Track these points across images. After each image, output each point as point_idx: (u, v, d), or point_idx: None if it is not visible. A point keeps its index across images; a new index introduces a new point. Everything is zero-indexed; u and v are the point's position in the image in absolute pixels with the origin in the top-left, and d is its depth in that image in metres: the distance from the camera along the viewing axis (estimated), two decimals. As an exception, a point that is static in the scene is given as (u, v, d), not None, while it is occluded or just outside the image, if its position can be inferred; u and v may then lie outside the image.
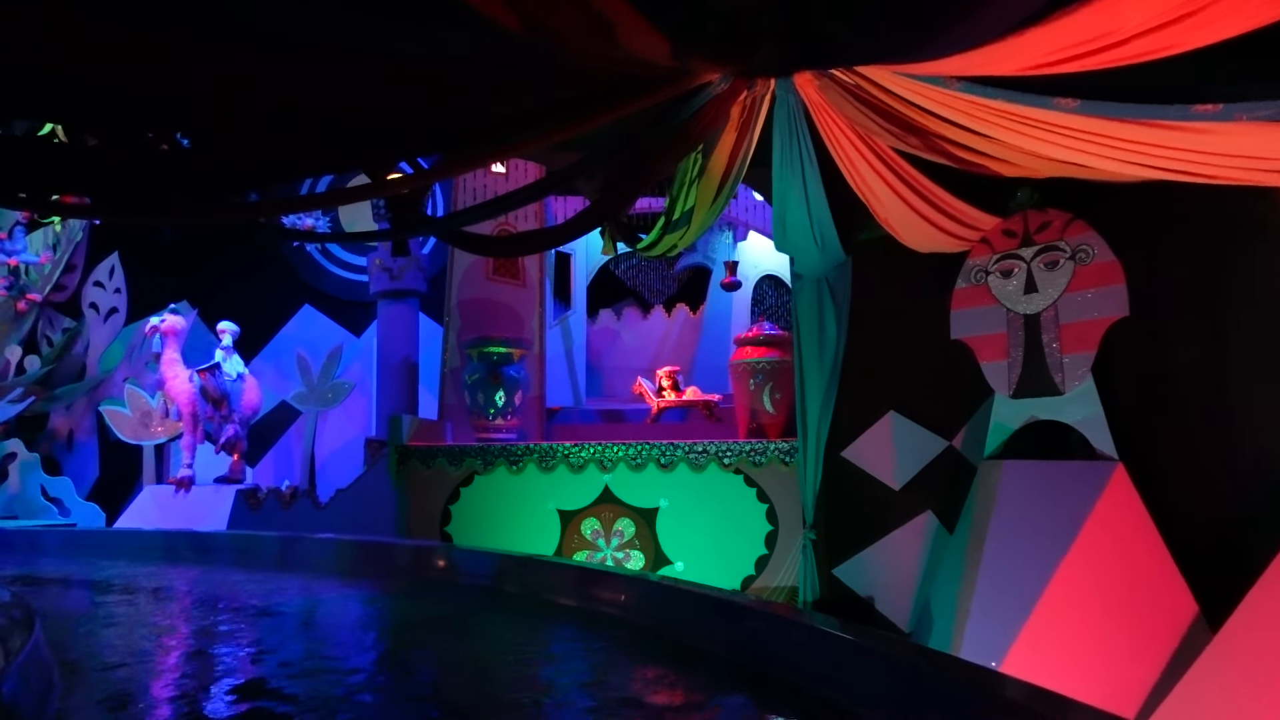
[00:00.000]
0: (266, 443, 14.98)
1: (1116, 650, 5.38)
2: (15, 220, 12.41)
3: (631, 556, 8.26)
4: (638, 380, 10.57)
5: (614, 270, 12.76)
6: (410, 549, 6.54)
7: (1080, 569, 5.64)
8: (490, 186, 9.72)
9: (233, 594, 5.83)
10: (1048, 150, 4.04)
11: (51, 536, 8.53)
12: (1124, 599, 5.50)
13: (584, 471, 8.29)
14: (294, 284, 16.34)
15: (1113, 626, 5.43)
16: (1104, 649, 5.41)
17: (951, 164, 4.77)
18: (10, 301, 13.96)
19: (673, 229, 5.45)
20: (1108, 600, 5.52)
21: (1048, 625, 5.53)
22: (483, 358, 8.88)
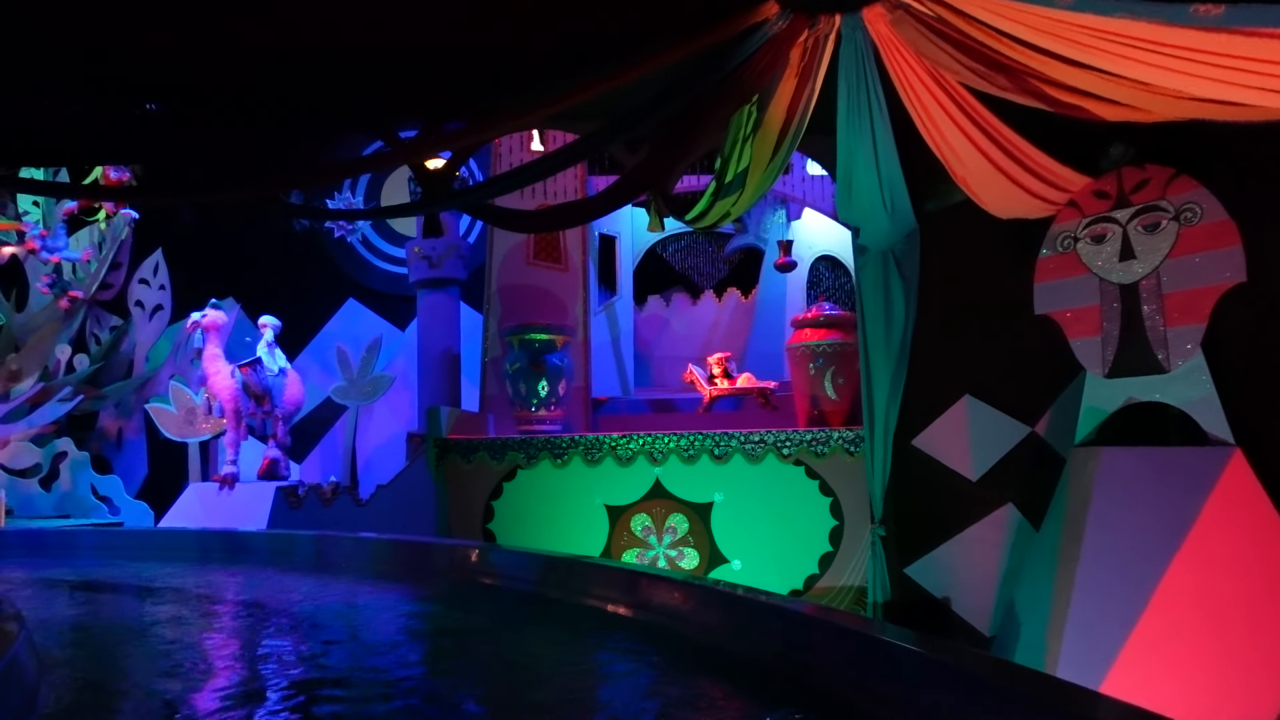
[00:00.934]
0: (312, 439, 14.88)
1: (1239, 665, 4.74)
2: (57, 218, 12.39)
3: (685, 555, 7.79)
4: (688, 368, 10.08)
5: (661, 253, 12.28)
6: (448, 550, 6.17)
7: (1194, 570, 5.00)
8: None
9: (266, 600, 5.53)
10: (1174, 82, 3.44)
11: (89, 536, 8.38)
12: (1246, 604, 4.85)
13: (633, 464, 7.85)
14: (337, 278, 16.23)
15: (1234, 636, 4.79)
16: (1224, 663, 4.77)
17: (1046, 106, 4.17)
18: (55, 299, 14.02)
19: (725, 194, 4.94)
20: (1227, 606, 4.88)
21: (1157, 636, 4.91)
22: (524, 346, 8.47)
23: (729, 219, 5.44)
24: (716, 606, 3.88)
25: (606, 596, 4.65)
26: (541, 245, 9.54)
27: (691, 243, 12.54)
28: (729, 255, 12.56)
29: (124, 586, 6.27)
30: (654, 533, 7.84)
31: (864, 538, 7.55)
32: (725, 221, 5.57)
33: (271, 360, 12.25)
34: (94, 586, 6.27)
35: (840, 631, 3.03)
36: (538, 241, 9.54)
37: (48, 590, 6.19)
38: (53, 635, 4.40)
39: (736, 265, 12.72)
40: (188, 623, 4.87)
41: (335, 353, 13.78)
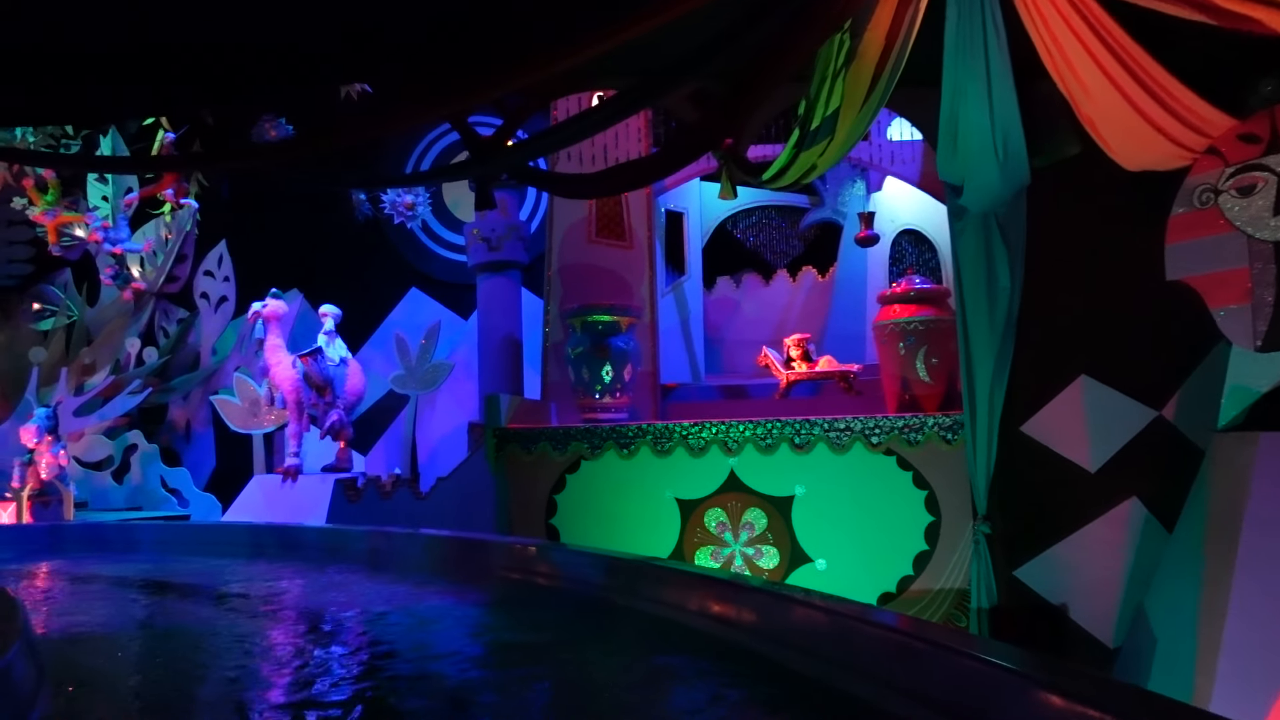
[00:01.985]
0: (377, 430, 14.73)
1: None
2: (120, 209, 12.40)
3: (764, 554, 7.19)
4: (763, 351, 9.45)
5: (731, 230, 11.63)
6: (506, 549, 5.70)
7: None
8: (588, 142, 8.78)
9: (315, 602, 5.16)
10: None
11: (147, 530, 8.22)
12: None
13: (706, 454, 7.28)
14: (400, 267, 16.06)
15: None
16: None
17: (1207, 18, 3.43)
18: (119, 291, 14.12)
19: (810, 143, 4.31)
20: None
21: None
22: (586, 328, 7.97)
23: (814, 174, 4.80)
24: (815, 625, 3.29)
25: (680, 606, 4.10)
26: (604, 222, 9.01)
27: (764, 218, 11.87)
28: (804, 231, 11.84)
29: (172, 585, 5.99)
30: (729, 529, 7.26)
31: (964, 535, 6.83)
32: (810, 178, 4.93)
33: (332, 349, 12.07)
34: (142, 585, 6.01)
35: (980, 669, 2.41)
36: (600, 218, 9.02)
37: (86, 586, 5.96)
38: (85, 642, 4.07)
39: (812, 241, 11.99)
40: (226, 626, 4.50)
41: (394, 340, 13.56)
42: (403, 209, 13.69)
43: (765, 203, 11.76)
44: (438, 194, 16.04)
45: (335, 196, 16.04)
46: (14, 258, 16.23)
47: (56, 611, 5.12)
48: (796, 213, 11.78)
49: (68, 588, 6.20)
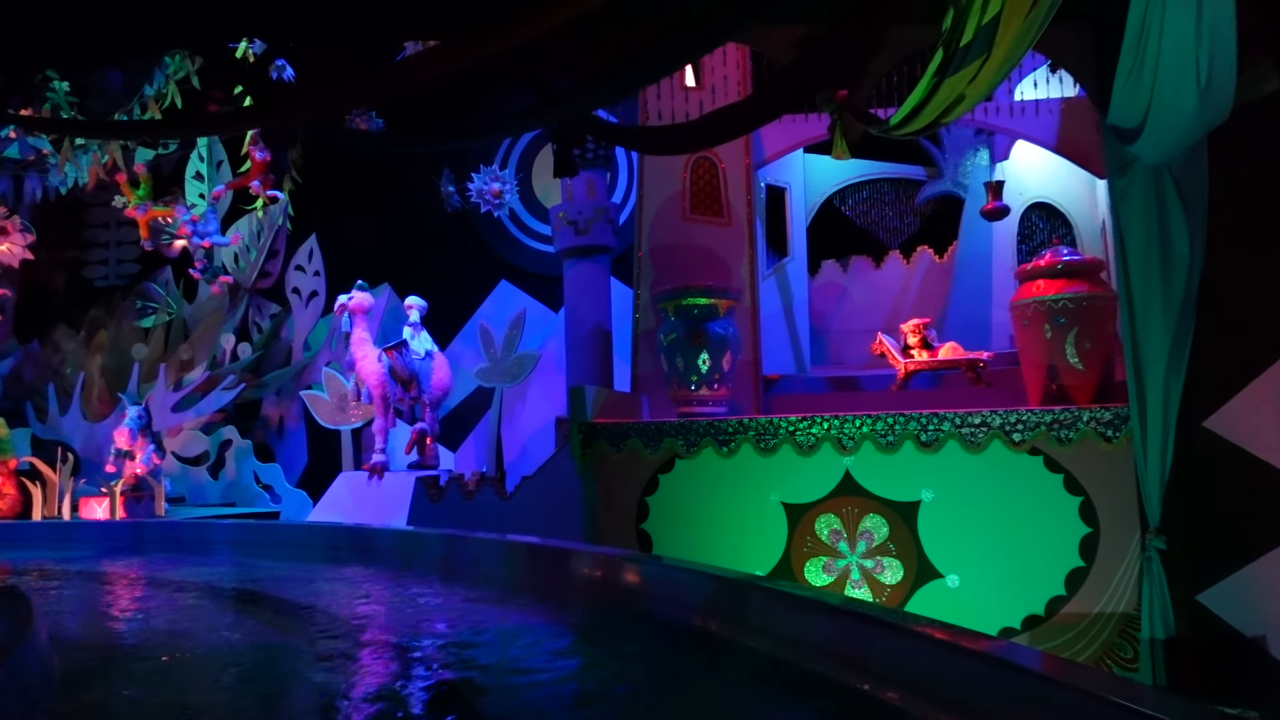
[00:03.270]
0: (467, 426, 14.40)
1: None
2: (207, 203, 12.39)
3: (885, 567, 6.32)
4: (877, 338, 8.52)
5: (839, 207, 10.68)
6: (590, 561, 5.05)
7: None
8: (682, 108, 8.05)
9: (380, 618, 4.64)
10: None
11: (224, 529, 7.96)
12: None
13: (817, 453, 6.45)
14: (489, 259, 15.72)
15: None
16: None
17: None
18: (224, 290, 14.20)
19: (960, 64, 3.44)
20: None
21: None
22: (680, 313, 7.24)
23: (958, 110, 3.93)
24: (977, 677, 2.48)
25: (796, 641, 3.34)
26: (699, 198, 8.26)
27: (875, 193, 10.86)
28: (921, 205, 10.79)
29: (229, 593, 5.58)
30: (844, 538, 6.41)
31: (1130, 551, 5.81)
32: (952, 116, 4.06)
33: (417, 342, 11.73)
34: (214, 592, 5.63)
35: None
36: (695, 194, 8.27)
37: (160, 592, 5.62)
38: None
39: (929, 218, 10.92)
40: (265, 643, 3.99)
41: (478, 331, 13.15)
42: (490, 197, 13.25)
43: (877, 175, 10.76)
44: (525, 182, 15.62)
45: (424, 188, 15.85)
46: (122, 258, 16.70)
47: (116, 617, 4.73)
48: (912, 186, 10.74)
49: (136, 591, 5.83)
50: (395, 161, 16.38)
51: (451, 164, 15.83)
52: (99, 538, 8.18)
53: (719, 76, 8.06)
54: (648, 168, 8.34)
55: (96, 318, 15.32)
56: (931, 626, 2.97)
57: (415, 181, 16.09)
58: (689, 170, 8.30)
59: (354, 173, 16.34)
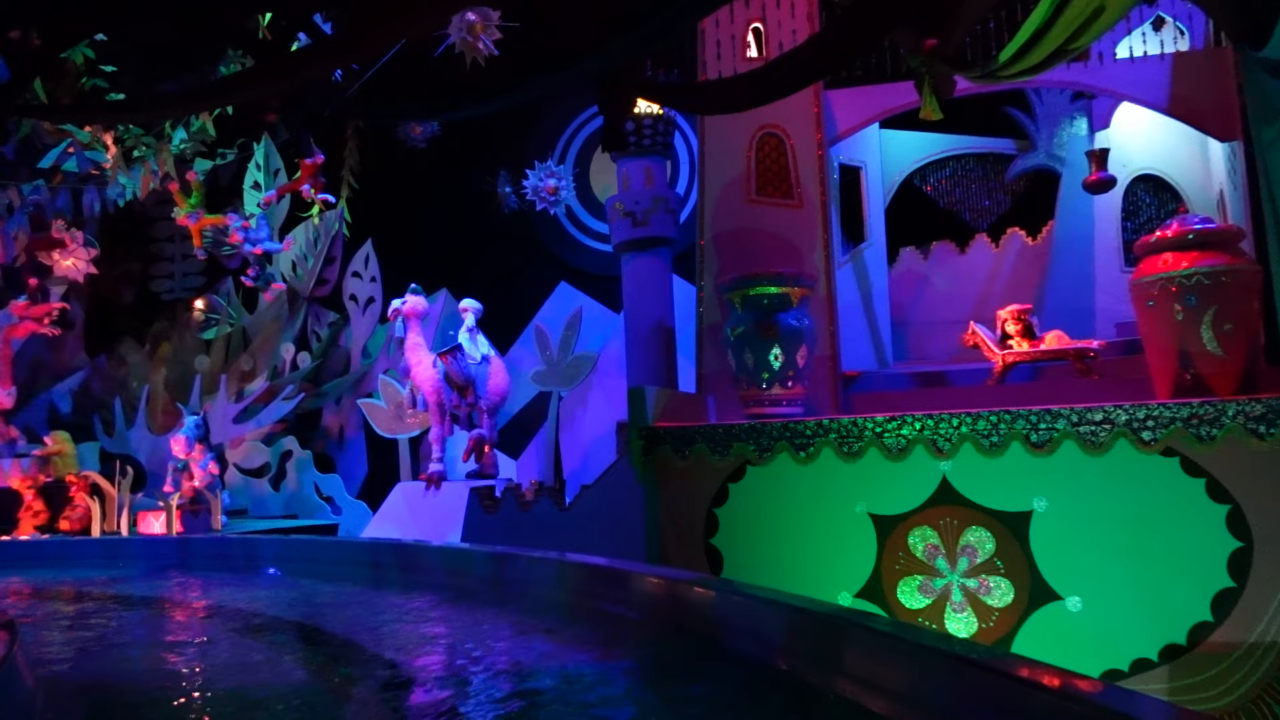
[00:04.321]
0: (528, 432, 13.91)
1: None
2: (260, 208, 12.18)
3: (992, 587, 5.50)
4: (970, 328, 7.67)
5: (920, 185, 9.79)
6: (654, 585, 4.39)
7: None
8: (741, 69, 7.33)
9: (421, 651, 4.07)
10: None
11: (270, 545, 7.56)
12: None
13: (908, 457, 5.68)
14: (548, 261, 15.28)
15: None
16: None
17: None
18: (278, 297, 14.02)
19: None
20: None
21: None
22: (749, 304, 6.54)
23: (1090, 35, 3.16)
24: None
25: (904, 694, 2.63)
26: (767, 178, 7.53)
27: (960, 169, 9.92)
28: (1011, 181, 9.83)
29: (273, 622, 5.08)
30: (943, 554, 5.61)
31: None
32: (1089, 38, 3.29)
33: (474, 347, 11.27)
34: (244, 619, 5.16)
35: None
36: (761, 174, 7.56)
37: (198, 622, 5.17)
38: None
39: (1021, 196, 9.94)
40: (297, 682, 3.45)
41: (533, 332, 12.63)
42: (545, 194, 12.72)
43: (961, 150, 9.84)
44: (583, 179, 15.11)
45: (480, 190, 15.49)
46: (187, 271, 16.78)
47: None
48: (1000, 161, 9.79)
49: (170, 622, 5.38)
50: (451, 164, 16.10)
51: (508, 165, 15.46)
52: (146, 555, 7.87)
53: (783, 43, 7.30)
54: (709, 147, 7.67)
55: (160, 330, 15.36)
56: (1085, 685, 2.24)
57: (472, 184, 15.76)
58: (754, 148, 7.60)
59: (410, 177, 16.10)
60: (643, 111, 9.29)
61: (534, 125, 15.77)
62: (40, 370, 14.81)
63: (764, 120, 7.52)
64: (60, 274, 13.73)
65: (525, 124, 15.77)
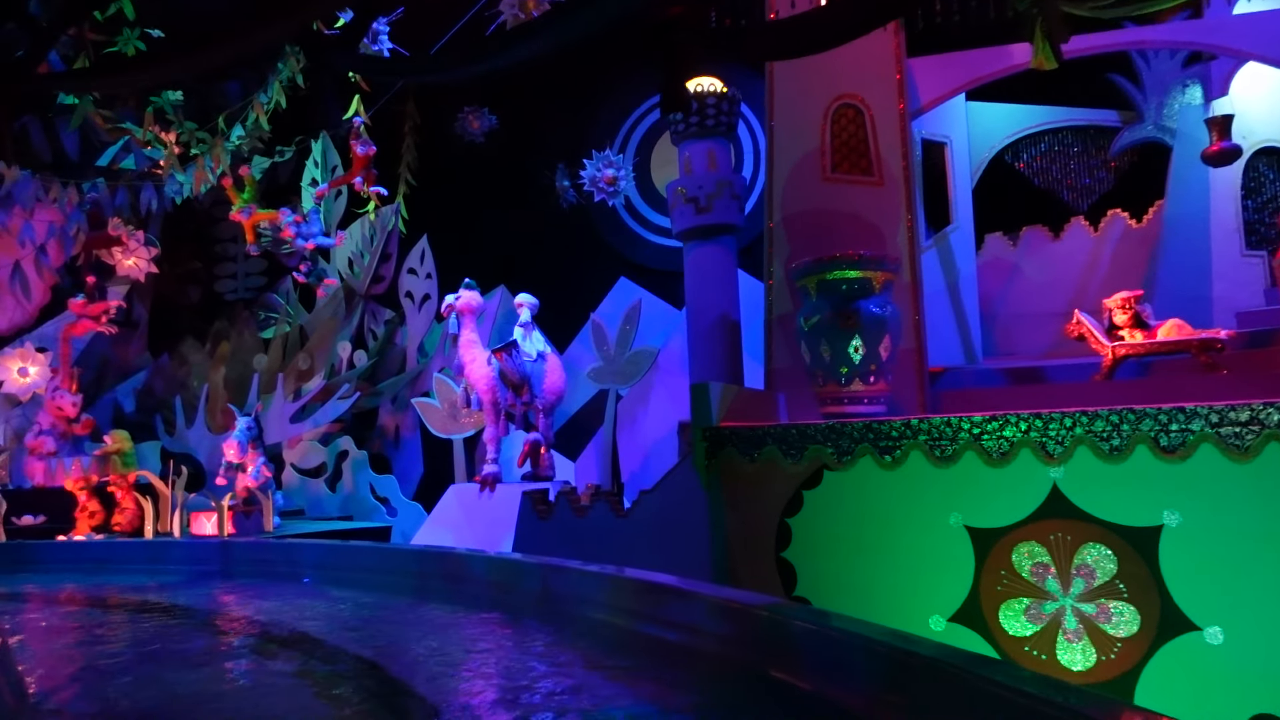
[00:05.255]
0: (586, 432, 13.43)
1: None
2: (312, 202, 11.94)
3: (1112, 614, 4.75)
4: (1075, 317, 6.87)
5: (1012, 163, 8.93)
6: (719, 609, 3.79)
7: None
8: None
9: (449, 687, 3.55)
10: None
11: (310, 550, 7.17)
12: None
13: (1012, 462, 4.96)
14: (607, 255, 14.80)
15: None
16: None
17: None
18: (329, 293, 13.81)
19: None
20: None
21: None
22: (825, 290, 5.87)
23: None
24: None
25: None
26: (843, 153, 6.85)
27: (1056, 144, 9.03)
28: (1115, 157, 8.91)
29: (302, 642, 4.63)
30: (1054, 574, 4.88)
31: None
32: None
33: (529, 343, 10.81)
34: (271, 638, 4.71)
35: None
36: (837, 149, 6.88)
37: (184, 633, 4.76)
38: None
39: (1125, 173, 9.02)
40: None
41: (590, 328, 12.11)
42: (603, 185, 12.26)
43: (1059, 123, 8.95)
44: (643, 171, 14.60)
45: (538, 184, 15.12)
46: (250, 270, 16.79)
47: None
48: (1103, 134, 8.87)
49: (197, 643, 4.96)
50: (508, 159, 15.76)
51: (566, 158, 15.05)
52: (188, 559, 7.56)
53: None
54: (779, 120, 7.03)
55: (220, 329, 15.34)
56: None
57: (529, 178, 15.39)
58: (829, 120, 6.93)
59: (467, 172, 15.81)
60: (705, 90, 8.70)
61: (593, 116, 15.32)
62: (107, 370, 14.92)
63: (840, 90, 6.84)
64: (123, 273, 13.78)
65: (584, 115, 15.34)
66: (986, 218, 9.07)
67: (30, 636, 4.75)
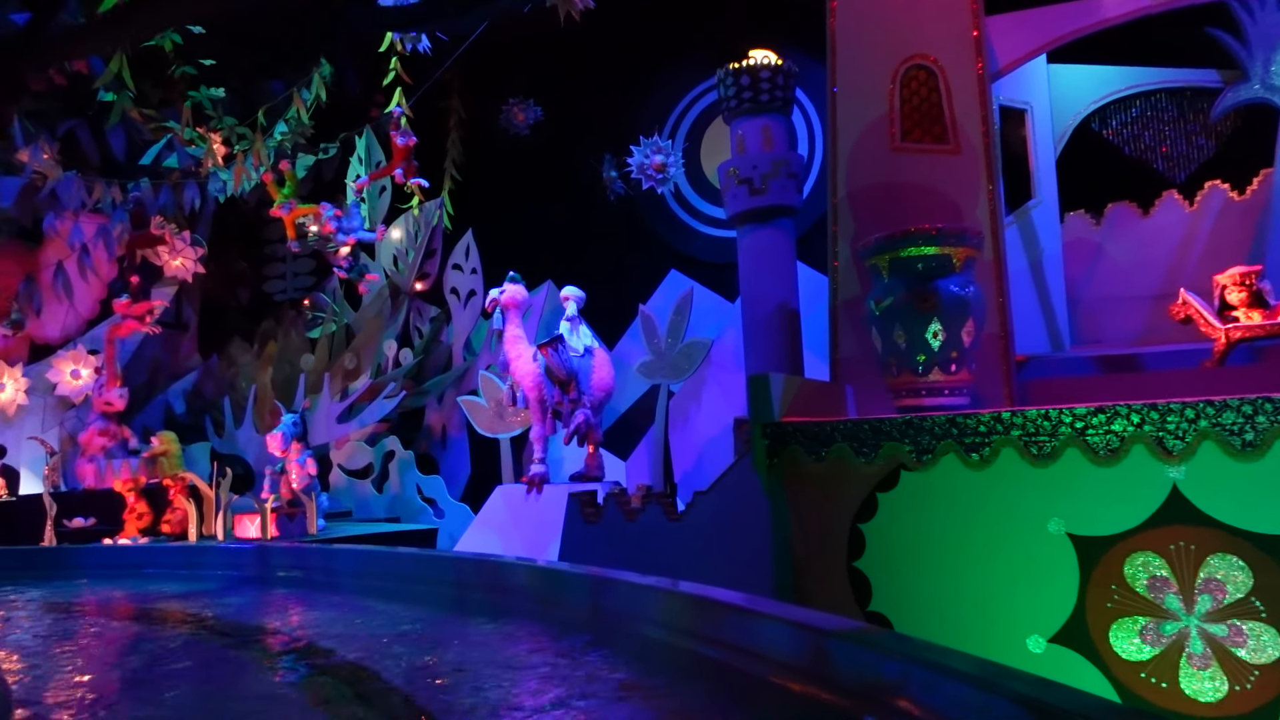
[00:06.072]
0: (637, 431, 12.95)
1: None
2: (352, 197, 11.66)
3: (1248, 636, 4.08)
4: (1181, 297, 6.15)
5: (1100, 130, 8.14)
6: (784, 629, 3.25)
7: None
8: None
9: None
10: None
11: (347, 558, 6.80)
12: None
13: (1123, 460, 4.32)
14: (657, 248, 14.31)
15: None
16: None
17: None
18: (370, 289, 13.55)
19: None
20: None
21: None
22: (900, 269, 5.27)
23: None
24: None
25: None
26: (914, 119, 6.22)
27: (1150, 109, 8.22)
28: (1216, 122, 8.09)
29: (307, 652, 4.22)
30: (1174, 589, 4.23)
31: None
32: None
33: (575, 338, 10.37)
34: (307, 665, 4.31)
35: None
36: (907, 115, 6.24)
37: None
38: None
39: (1228, 140, 8.19)
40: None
41: (639, 320, 11.61)
42: (652, 172, 11.78)
43: (1152, 85, 8.09)
44: (693, 157, 14.05)
45: (585, 176, 14.70)
46: (298, 271, 16.69)
47: None
48: (1202, 97, 8.03)
49: (218, 671, 4.57)
50: (554, 151, 15.37)
51: (613, 149, 14.59)
52: (224, 564, 7.26)
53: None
54: (842, 86, 6.42)
55: (268, 330, 15.23)
56: None
57: (576, 171, 14.98)
58: (898, 83, 6.30)
59: (511, 165, 15.46)
60: (759, 63, 8.12)
61: (642, 104, 14.83)
62: (158, 371, 14.92)
63: (910, 50, 6.22)
64: (170, 274, 13.73)
65: (632, 104, 14.85)
66: (1068, 193, 8.31)
67: (33, 645, 4.43)
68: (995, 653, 4.59)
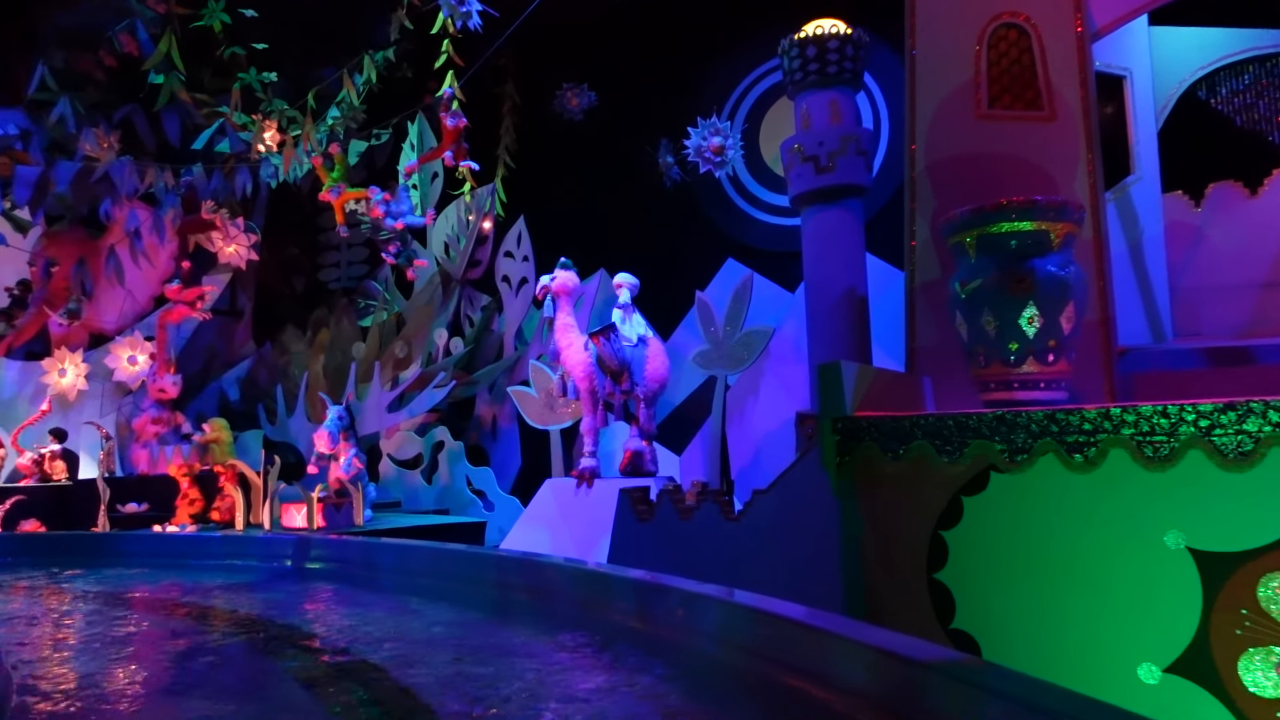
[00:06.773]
0: (692, 425, 12.50)
1: None
2: (401, 180, 11.41)
3: None
4: (1308, 280, 5.44)
5: (1207, 100, 7.38)
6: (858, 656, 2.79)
7: None
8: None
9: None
10: None
11: (387, 552, 6.51)
12: None
13: (1257, 465, 3.74)
14: (714, 236, 13.83)
15: None
16: None
17: None
18: (419, 275, 13.32)
19: None
20: None
21: None
22: (989, 246, 4.70)
23: None
24: None
25: None
26: (1004, 84, 5.62)
27: (1265, 74, 7.45)
28: (1342, 89, 7.30)
29: (329, 656, 3.89)
30: (1320, 616, 3.63)
31: None
32: None
33: (628, 327, 9.97)
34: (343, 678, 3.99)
35: None
36: (995, 78, 5.64)
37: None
38: None
39: (1355, 109, 7.39)
40: None
41: (696, 308, 11.15)
42: (709, 154, 11.29)
43: (1267, 48, 7.33)
44: (752, 141, 13.51)
45: (640, 162, 14.27)
46: (353, 259, 16.64)
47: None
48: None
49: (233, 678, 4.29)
50: (609, 137, 14.98)
51: (669, 134, 14.14)
52: (265, 555, 7.05)
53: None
54: (921, 49, 5.85)
55: (320, 318, 15.16)
56: None
57: (631, 157, 14.57)
58: (985, 44, 5.71)
59: (565, 151, 15.11)
60: (826, 33, 7.58)
61: (698, 89, 14.34)
62: (213, 359, 14.96)
63: (999, 8, 5.63)
64: (224, 260, 13.71)
65: (689, 88, 14.37)
66: (1171, 169, 7.59)
67: (39, 634, 4.18)
68: (1101, 683, 4.04)
